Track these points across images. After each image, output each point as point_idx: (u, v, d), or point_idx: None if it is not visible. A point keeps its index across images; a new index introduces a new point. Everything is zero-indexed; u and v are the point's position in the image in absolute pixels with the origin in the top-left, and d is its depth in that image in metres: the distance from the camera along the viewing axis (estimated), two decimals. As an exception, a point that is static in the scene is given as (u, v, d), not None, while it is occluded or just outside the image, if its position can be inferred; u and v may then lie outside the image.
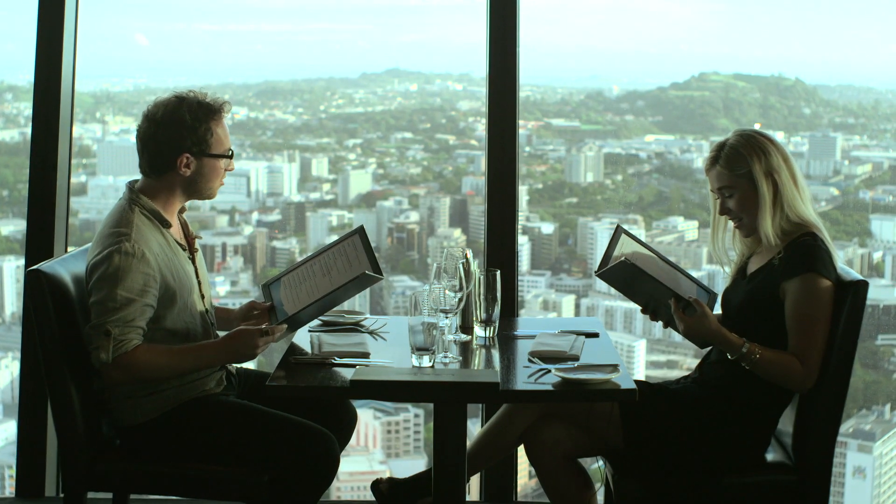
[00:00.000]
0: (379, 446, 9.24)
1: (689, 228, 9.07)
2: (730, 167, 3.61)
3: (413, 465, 9.10)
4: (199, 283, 3.69)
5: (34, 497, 4.83)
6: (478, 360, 3.59)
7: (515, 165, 4.73)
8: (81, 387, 3.50)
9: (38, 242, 4.80)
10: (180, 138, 3.53)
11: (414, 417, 9.27)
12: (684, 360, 8.87)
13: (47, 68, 4.80)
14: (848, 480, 7.83)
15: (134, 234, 3.44)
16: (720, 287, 3.84)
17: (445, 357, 3.42)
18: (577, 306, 9.21)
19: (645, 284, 3.62)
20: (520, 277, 9.15)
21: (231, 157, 3.63)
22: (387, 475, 3.89)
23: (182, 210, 3.71)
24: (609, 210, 9.32)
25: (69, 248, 4.79)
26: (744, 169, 3.59)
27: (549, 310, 9.19)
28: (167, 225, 3.58)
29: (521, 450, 3.88)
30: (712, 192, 3.73)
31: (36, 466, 4.84)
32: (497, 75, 4.74)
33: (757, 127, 3.80)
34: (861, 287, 3.43)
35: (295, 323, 3.67)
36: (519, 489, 7.58)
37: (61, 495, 4.87)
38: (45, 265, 3.52)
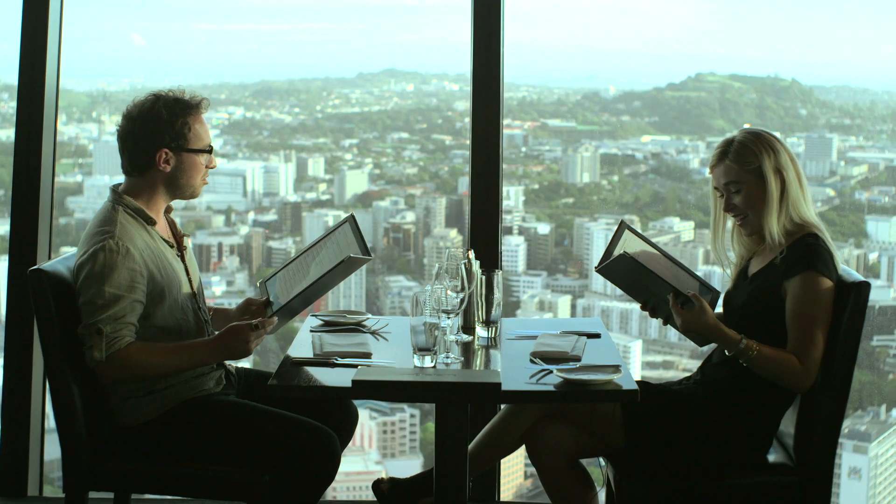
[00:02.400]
0: (375, 446, 9.24)
1: (685, 229, 9.08)
2: (739, 162, 3.61)
3: (409, 465, 9.11)
4: (190, 280, 3.69)
5: (17, 496, 4.83)
6: (479, 361, 3.59)
7: (499, 166, 4.73)
8: (83, 387, 3.50)
9: (22, 242, 4.79)
10: (157, 134, 3.55)
11: (410, 418, 9.27)
12: (680, 360, 8.88)
13: (31, 67, 4.80)
14: (843, 481, 7.84)
15: (118, 232, 3.45)
16: (720, 288, 3.83)
17: (447, 357, 3.42)
18: (574, 307, 9.21)
19: (644, 280, 3.62)
20: (516, 278, 9.18)
21: (210, 152, 3.64)
22: (383, 475, 3.88)
23: (168, 210, 3.73)
24: (605, 210, 9.33)
25: (65, 248, 4.78)
26: (753, 164, 3.59)
27: (545, 310, 9.20)
28: (152, 223, 3.59)
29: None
30: (716, 190, 3.72)
31: (18, 466, 4.83)
32: (481, 75, 4.74)
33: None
34: (863, 288, 3.43)
35: (287, 313, 3.66)
36: (514, 489, 7.58)
37: (44, 495, 4.88)
38: (46, 265, 3.52)
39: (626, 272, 3.63)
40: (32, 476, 4.86)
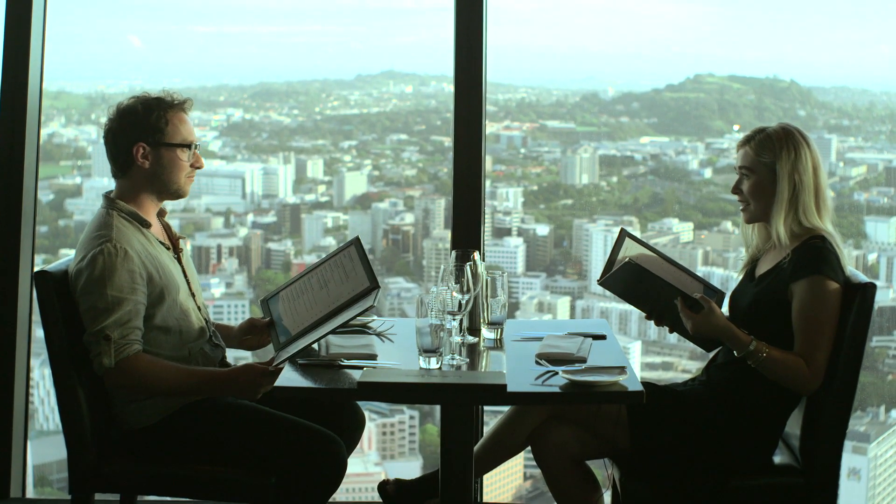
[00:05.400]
0: (374, 448, 9.24)
1: (684, 230, 9.08)
2: (757, 151, 3.62)
3: (408, 466, 9.11)
4: (188, 282, 3.69)
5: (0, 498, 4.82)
6: (485, 362, 3.58)
7: (481, 169, 4.70)
8: (89, 389, 3.49)
9: (4, 245, 4.76)
10: (133, 128, 3.55)
11: (409, 419, 9.27)
12: (679, 361, 8.88)
13: (14, 68, 4.77)
14: (843, 482, 7.84)
15: (115, 235, 3.45)
16: (724, 289, 3.83)
17: (453, 359, 3.41)
18: (573, 308, 9.22)
19: (650, 286, 3.60)
20: (515, 279, 9.17)
21: (191, 148, 3.62)
22: (382, 476, 3.88)
23: (162, 213, 3.72)
24: (604, 212, 9.33)
25: (64, 250, 4.77)
26: (768, 158, 3.60)
27: (544, 311, 9.20)
28: (147, 225, 3.59)
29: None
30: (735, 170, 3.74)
31: (1, 467, 4.81)
32: (462, 76, 4.72)
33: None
34: (869, 290, 3.43)
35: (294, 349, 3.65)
36: (514, 491, 7.58)
37: (28, 496, 4.87)
38: (52, 267, 3.52)
39: (630, 280, 3.62)
40: (15, 477, 4.83)
